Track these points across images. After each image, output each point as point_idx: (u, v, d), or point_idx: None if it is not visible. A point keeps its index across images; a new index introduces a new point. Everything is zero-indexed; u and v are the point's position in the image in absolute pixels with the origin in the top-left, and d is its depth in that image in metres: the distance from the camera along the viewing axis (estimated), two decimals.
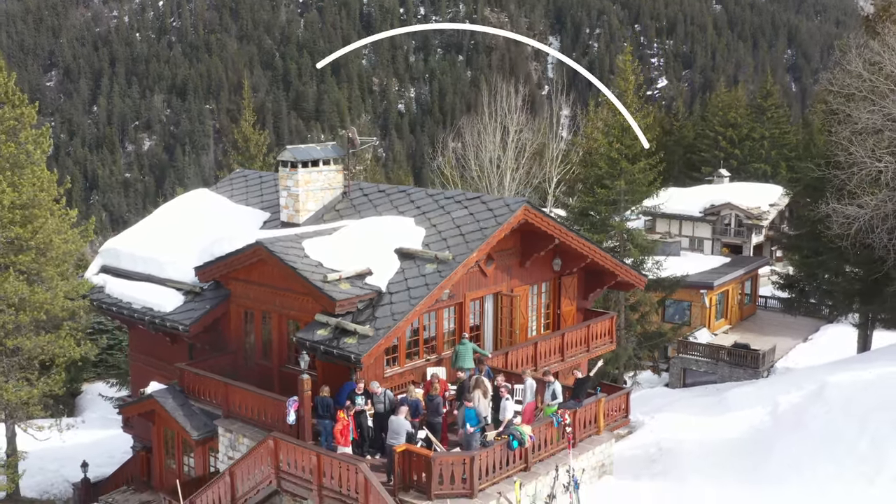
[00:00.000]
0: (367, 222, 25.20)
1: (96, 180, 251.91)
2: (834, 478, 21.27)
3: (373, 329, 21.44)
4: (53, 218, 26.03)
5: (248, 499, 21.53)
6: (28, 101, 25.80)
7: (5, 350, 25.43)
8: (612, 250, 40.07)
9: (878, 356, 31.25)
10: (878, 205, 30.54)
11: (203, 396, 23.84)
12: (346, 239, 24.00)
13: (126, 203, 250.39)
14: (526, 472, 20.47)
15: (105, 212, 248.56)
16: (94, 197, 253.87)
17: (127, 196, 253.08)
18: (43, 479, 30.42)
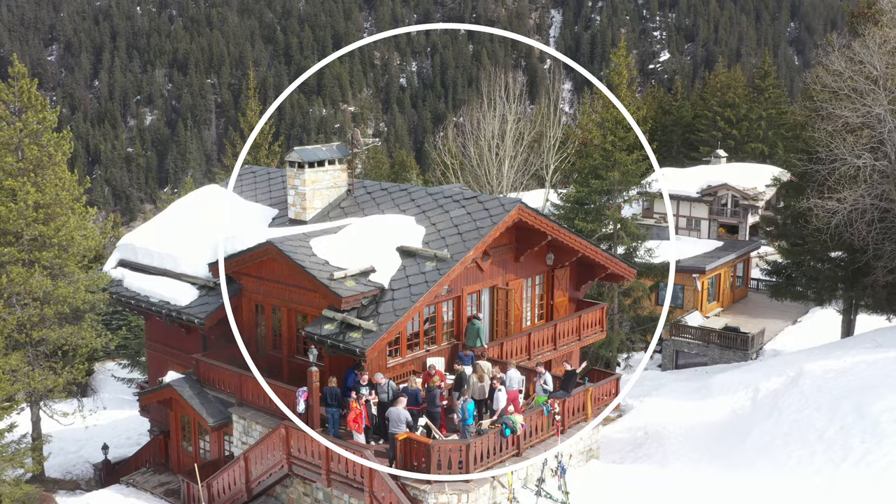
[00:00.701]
0: (371, 221, 26.69)
1: (98, 155, 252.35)
2: (804, 462, 22.93)
3: (376, 324, 23.03)
4: (74, 216, 27.53)
5: (261, 481, 23.28)
6: (39, 91, 27.23)
7: (31, 341, 27.08)
8: (606, 238, 41.78)
9: (855, 343, 32.86)
10: (856, 199, 32.03)
11: (218, 386, 25.52)
12: (350, 237, 25.51)
13: (129, 178, 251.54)
14: (518, 457, 22.16)
15: (108, 186, 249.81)
16: (97, 172, 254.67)
17: (129, 171, 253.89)
18: (65, 461, 32.16)
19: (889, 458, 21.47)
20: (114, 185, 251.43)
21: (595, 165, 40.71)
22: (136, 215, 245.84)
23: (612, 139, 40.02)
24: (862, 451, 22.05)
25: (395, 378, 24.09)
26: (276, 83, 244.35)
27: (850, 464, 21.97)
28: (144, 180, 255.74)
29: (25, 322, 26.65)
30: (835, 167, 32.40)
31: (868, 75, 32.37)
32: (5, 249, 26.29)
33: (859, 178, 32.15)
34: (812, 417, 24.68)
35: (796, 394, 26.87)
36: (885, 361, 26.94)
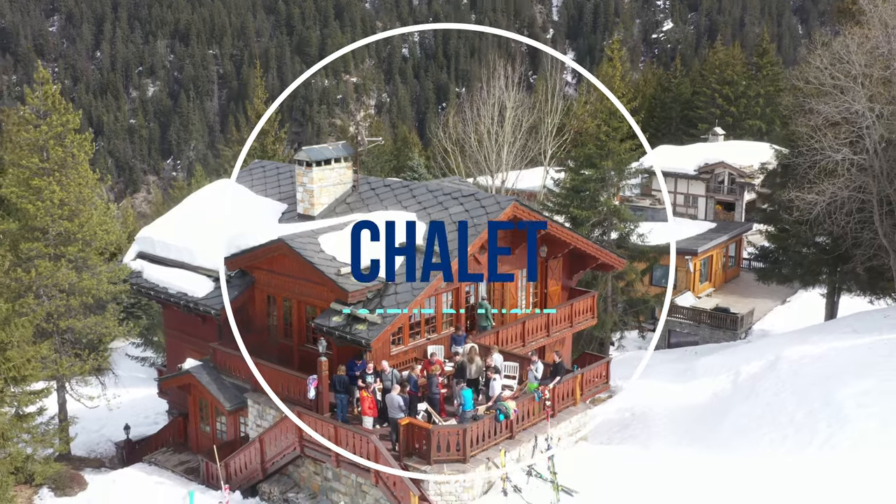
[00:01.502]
0: (374, 217, 28.44)
1: (101, 126, 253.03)
2: (775, 444, 24.84)
3: (380, 317, 24.91)
4: (97, 212, 29.34)
5: (275, 462, 25.29)
6: (60, 96, 28.94)
7: (58, 330, 29.00)
8: (600, 224, 43.51)
9: (834, 328, 34.71)
10: (834, 192, 33.75)
11: (233, 372, 27.49)
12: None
13: (132, 149, 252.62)
14: (511, 440, 24.12)
15: (111, 158, 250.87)
16: (100, 143, 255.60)
17: (132, 142, 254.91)
18: (88, 439, 34.21)
19: (851, 441, 23.37)
20: (117, 156, 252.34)
21: (589, 154, 42.32)
22: (139, 187, 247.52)
23: (606, 129, 41.59)
24: (827, 435, 23.95)
25: (398, 365, 26.02)
26: (277, 54, 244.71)
27: (815, 446, 23.86)
28: (147, 152, 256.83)
29: (53, 312, 28.54)
30: (815, 161, 34.07)
31: (848, 73, 33.92)
32: (33, 245, 28.12)
33: (838, 172, 33.84)
34: (785, 402, 26.58)
35: (773, 378, 28.76)
36: (855, 349, 28.79)
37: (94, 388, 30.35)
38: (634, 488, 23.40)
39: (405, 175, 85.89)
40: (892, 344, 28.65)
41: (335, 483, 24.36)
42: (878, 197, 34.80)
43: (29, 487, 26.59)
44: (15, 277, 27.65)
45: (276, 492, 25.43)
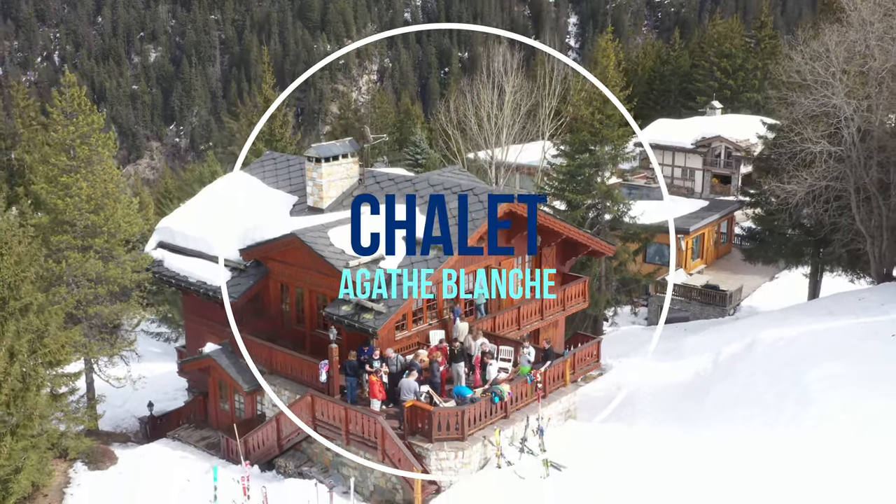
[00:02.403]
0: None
1: (104, 92, 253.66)
2: (746, 421, 27.13)
3: (386, 307, 27.10)
4: (120, 205, 31.44)
5: (290, 439, 27.65)
6: (80, 87, 31.01)
7: (87, 316, 31.24)
8: (594, 206, 45.61)
9: (812, 310, 36.93)
10: (813, 182, 35.79)
11: (252, 356, 29.75)
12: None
13: (134, 116, 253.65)
14: (506, 419, 26.44)
15: (114, 124, 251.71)
16: (103, 109, 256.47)
17: (135, 108, 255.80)
18: (113, 415, 36.55)
19: (814, 420, 25.61)
20: (120, 122, 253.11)
21: (584, 140, 44.30)
22: (142, 153, 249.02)
23: (601, 117, 43.51)
24: (793, 414, 26.21)
25: (402, 349, 28.29)
26: (279, 18, 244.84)
27: (782, 424, 26.13)
28: (150, 118, 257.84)
29: (82, 300, 30.75)
30: (795, 152, 36.07)
31: (827, 68, 35.78)
32: (63, 237, 30.28)
33: (816, 163, 35.85)
34: (758, 382, 28.85)
35: (749, 359, 31.03)
36: (827, 333, 31.01)
37: (120, 370, 32.59)
38: (618, 463, 25.72)
39: (408, 150, 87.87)
40: (861, 329, 30.84)
41: (345, 458, 26.71)
42: (855, 186, 36.84)
43: (64, 461, 28.94)
44: (47, 268, 29.82)
45: (291, 466, 27.83)
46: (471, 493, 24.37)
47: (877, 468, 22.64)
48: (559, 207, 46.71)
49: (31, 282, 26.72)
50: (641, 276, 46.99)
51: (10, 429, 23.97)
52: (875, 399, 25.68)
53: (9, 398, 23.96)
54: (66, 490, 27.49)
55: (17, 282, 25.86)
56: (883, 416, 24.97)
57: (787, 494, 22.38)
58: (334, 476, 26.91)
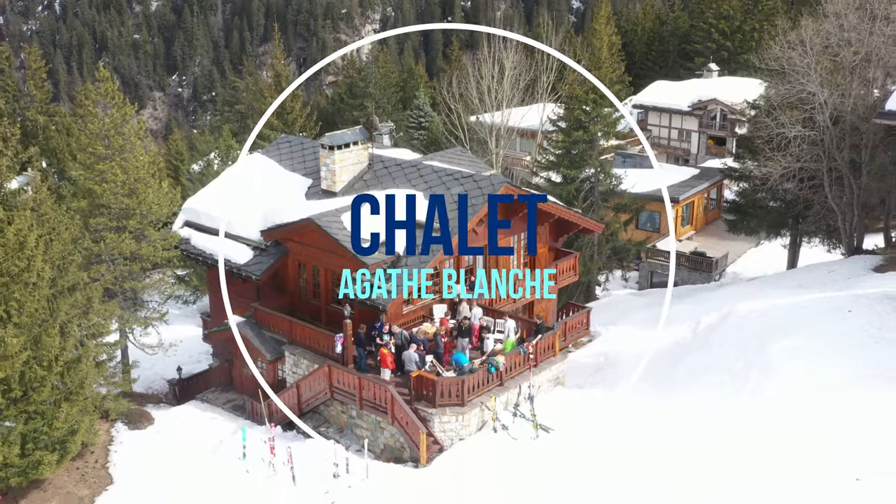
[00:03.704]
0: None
1: (105, 42, 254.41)
2: (716, 388, 30.34)
3: (394, 285, 30.27)
4: (151, 189, 34.47)
5: (309, 403, 31.04)
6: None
7: (123, 291, 34.47)
8: (588, 180, 48.52)
9: (785, 281, 40.04)
10: (787, 164, 38.71)
11: (272, 328, 33.06)
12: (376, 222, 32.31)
13: (136, 65, 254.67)
14: (501, 387, 29.77)
15: (116, 74, 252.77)
16: (105, 59, 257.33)
17: (137, 58, 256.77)
18: (144, 377, 39.99)
19: (775, 388, 28.83)
20: (122, 72, 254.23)
21: (578, 118, 47.07)
22: (145, 103, 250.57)
23: (594, 97, 46.24)
24: (756, 383, 29.42)
25: (408, 322, 31.53)
26: None
27: (747, 391, 29.35)
28: (153, 67, 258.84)
29: (118, 276, 33.96)
30: (771, 137, 38.94)
31: (803, 58, 38.46)
32: (100, 219, 33.38)
33: (791, 146, 38.72)
34: (728, 352, 32.06)
35: (723, 330, 34.19)
36: (791, 307, 34.13)
37: (153, 338, 35.87)
38: (600, 425, 29.12)
39: (411, 113, 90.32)
40: (824, 303, 33.93)
41: (358, 421, 30.13)
42: (828, 167, 39.74)
43: (106, 422, 32.34)
44: (86, 248, 32.95)
45: (310, 426, 31.22)
46: (469, 452, 27.79)
47: (826, 430, 25.86)
48: (555, 180, 49.61)
49: (77, 264, 29.88)
50: (632, 245, 50.03)
51: (64, 395, 27.28)
52: (829, 370, 28.87)
53: (63, 369, 27.22)
54: (111, 447, 30.89)
55: (65, 264, 29.01)
56: (835, 385, 28.18)
57: (746, 453, 25.62)
58: (349, 436, 30.32)
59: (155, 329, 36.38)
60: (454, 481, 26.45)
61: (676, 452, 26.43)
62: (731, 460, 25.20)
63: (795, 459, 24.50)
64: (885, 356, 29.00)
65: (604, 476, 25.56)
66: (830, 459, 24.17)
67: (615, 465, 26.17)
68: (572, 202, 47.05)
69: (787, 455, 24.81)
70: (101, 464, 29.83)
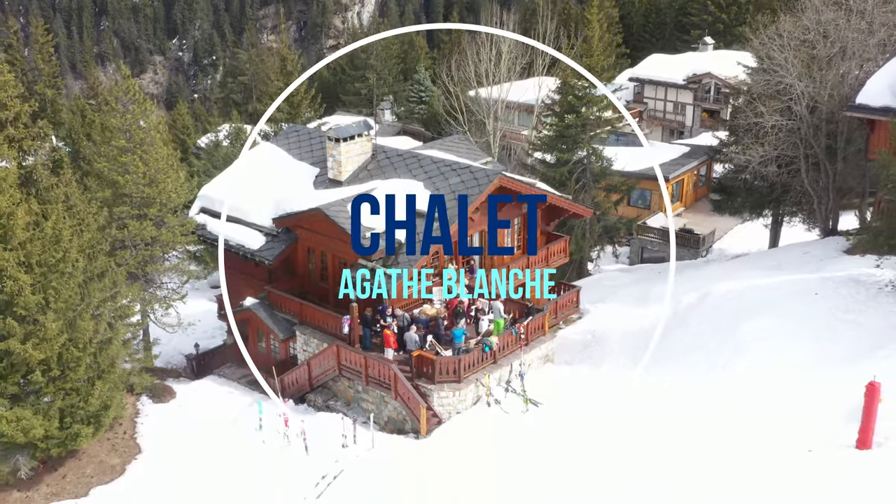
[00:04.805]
0: (390, 185, 35.94)
1: (105, 5, 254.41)
2: (692, 366, 33.08)
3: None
4: (170, 180, 36.94)
5: (319, 379, 33.83)
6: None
7: (145, 275, 37.12)
8: (580, 162, 50.90)
9: (764, 261, 42.56)
10: (765, 152, 41.16)
11: (284, 309, 35.75)
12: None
13: (136, 29, 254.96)
14: (494, 364, 32.53)
15: (116, 38, 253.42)
16: (105, 23, 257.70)
17: (137, 22, 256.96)
18: (163, 352, 42.81)
19: (744, 366, 31.54)
20: (122, 36, 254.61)
21: (571, 104, 49.37)
22: (145, 67, 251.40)
23: (588, 84, 48.47)
24: (727, 360, 32.17)
25: (410, 304, 34.19)
26: None
27: (719, 369, 32.08)
28: (153, 31, 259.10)
29: (140, 261, 36.58)
30: (750, 126, 41.36)
31: (782, 52, 40.75)
32: (123, 208, 35.91)
33: (769, 135, 41.14)
34: (704, 332, 34.74)
35: (700, 310, 36.83)
36: (765, 287, 36.71)
37: (172, 318, 38.54)
38: (585, 399, 31.90)
39: (412, 87, 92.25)
40: (797, 285, 36.50)
41: (364, 395, 32.93)
42: (804, 153, 42.17)
43: (132, 395, 35.13)
44: (110, 235, 35.52)
45: (320, 400, 34.07)
46: (465, 424, 30.63)
47: (788, 407, 28.59)
48: (548, 160, 52.00)
49: (104, 251, 32.50)
50: (622, 224, 52.56)
51: (98, 374, 30.04)
52: (795, 350, 31.57)
53: (96, 350, 29.96)
54: (137, 420, 33.73)
55: (94, 252, 31.64)
56: (801, 364, 30.90)
57: (715, 423, 28.34)
58: (355, 409, 33.15)
59: (175, 309, 39.02)
60: (451, 451, 29.28)
61: (652, 424, 29.19)
62: (699, 435, 27.89)
63: (758, 434, 27.20)
64: (848, 337, 31.66)
65: (586, 447, 28.31)
66: (789, 433, 26.89)
67: (597, 438, 28.91)
68: (565, 182, 49.50)
69: (749, 429, 27.50)
70: (130, 435, 32.69)
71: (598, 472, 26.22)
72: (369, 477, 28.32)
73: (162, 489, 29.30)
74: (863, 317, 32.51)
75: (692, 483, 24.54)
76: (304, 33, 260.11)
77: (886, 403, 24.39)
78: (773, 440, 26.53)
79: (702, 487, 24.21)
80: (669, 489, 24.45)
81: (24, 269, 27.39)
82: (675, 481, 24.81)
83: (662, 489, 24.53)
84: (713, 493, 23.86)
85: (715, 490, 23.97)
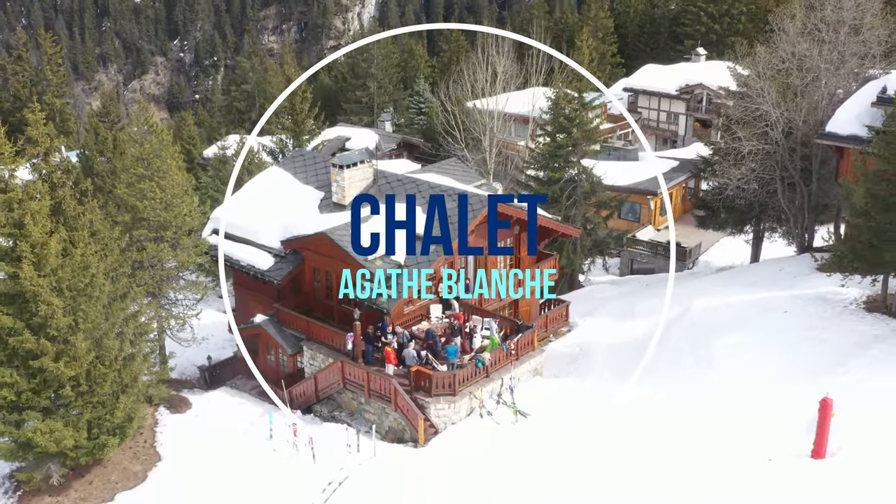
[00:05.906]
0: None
1: (107, 6, 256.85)
2: (673, 379, 35.63)
3: (396, 292, 35.52)
4: (185, 204, 39.58)
5: (324, 391, 36.49)
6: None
7: (162, 293, 39.78)
8: (571, 180, 53.47)
9: (742, 277, 45.19)
10: (742, 175, 43.80)
11: (293, 326, 38.42)
12: (377, 226, 37.51)
13: (138, 30, 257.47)
14: (487, 378, 35.18)
15: (118, 39, 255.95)
16: (106, 24, 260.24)
17: (138, 23, 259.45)
18: (177, 364, 45.34)
19: (718, 379, 34.07)
20: (124, 37, 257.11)
21: (562, 124, 51.94)
22: (147, 68, 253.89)
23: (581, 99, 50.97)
24: (703, 374, 34.80)
25: (408, 320, 36.82)
26: None
27: (698, 381, 34.55)
28: (154, 32, 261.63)
29: (158, 280, 39.24)
30: (728, 151, 44.01)
31: (758, 81, 43.39)
32: (141, 231, 38.54)
33: (746, 160, 43.80)
34: (683, 347, 37.34)
35: (680, 325, 39.40)
36: (739, 305, 39.29)
37: (188, 333, 41.18)
38: (571, 411, 34.53)
39: (411, 99, 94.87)
40: (767, 303, 39.09)
41: (367, 407, 35.60)
42: (780, 176, 44.81)
43: (150, 406, 37.77)
44: (130, 257, 38.15)
45: (325, 411, 36.74)
46: (460, 434, 33.30)
47: (756, 419, 31.19)
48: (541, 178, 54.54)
49: (126, 274, 35.16)
50: (611, 238, 55.16)
51: (122, 388, 32.70)
52: (765, 364, 34.18)
53: (120, 366, 32.61)
54: (156, 429, 36.40)
55: (117, 275, 34.29)
56: (769, 378, 33.50)
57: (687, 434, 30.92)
58: (358, 420, 35.81)
59: (189, 325, 41.65)
60: (447, 459, 31.95)
61: (634, 435, 31.79)
62: (672, 443, 30.49)
63: (726, 442, 29.80)
64: (812, 354, 34.27)
65: (572, 454, 30.91)
66: (754, 443, 29.48)
67: (583, 446, 31.51)
68: (557, 199, 52.04)
69: (719, 438, 30.10)
70: (150, 443, 35.37)
71: (584, 478, 28.79)
72: (372, 483, 30.98)
73: (181, 494, 31.96)
74: (826, 333, 35.11)
75: (658, 487, 27.12)
76: (304, 34, 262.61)
77: (838, 418, 27.02)
78: (739, 449, 29.05)
79: (666, 491, 26.80)
80: (636, 492, 27.06)
81: (56, 294, 30.01)
82: (643, 485, 27.38)
83: (626, 492, 27.15)
84: (678, 498, 26.44)
85: (679, 495, 26.55)
